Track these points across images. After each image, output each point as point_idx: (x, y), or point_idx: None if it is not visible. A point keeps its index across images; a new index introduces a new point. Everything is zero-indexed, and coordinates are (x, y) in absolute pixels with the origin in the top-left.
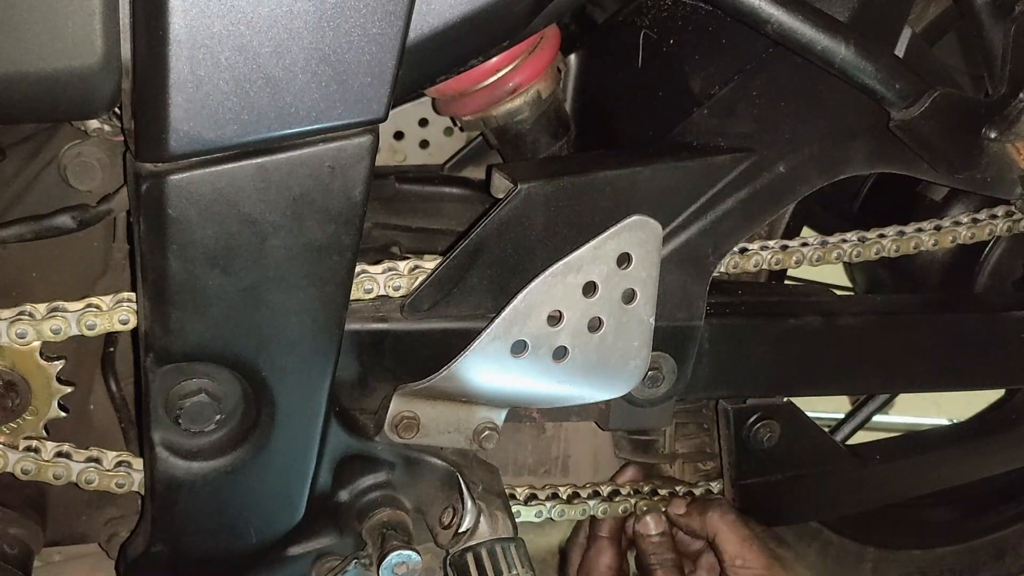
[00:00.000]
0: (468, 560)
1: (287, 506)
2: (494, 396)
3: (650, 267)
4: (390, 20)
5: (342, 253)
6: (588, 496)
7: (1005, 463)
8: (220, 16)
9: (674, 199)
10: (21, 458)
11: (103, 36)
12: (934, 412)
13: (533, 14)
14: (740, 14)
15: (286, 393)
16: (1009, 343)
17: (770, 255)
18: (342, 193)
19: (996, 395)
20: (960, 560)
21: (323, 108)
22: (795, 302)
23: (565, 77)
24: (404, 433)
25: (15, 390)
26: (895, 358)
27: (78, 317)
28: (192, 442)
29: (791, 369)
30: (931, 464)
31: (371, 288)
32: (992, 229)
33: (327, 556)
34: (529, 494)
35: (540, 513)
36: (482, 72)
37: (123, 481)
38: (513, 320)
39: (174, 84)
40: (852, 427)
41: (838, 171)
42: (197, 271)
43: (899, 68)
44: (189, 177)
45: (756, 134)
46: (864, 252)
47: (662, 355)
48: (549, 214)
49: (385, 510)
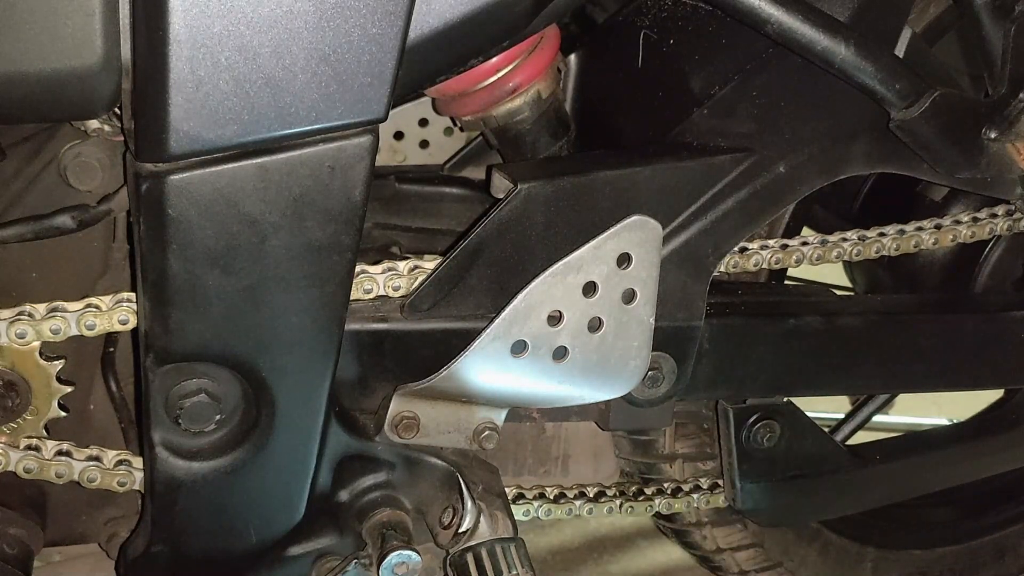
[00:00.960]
0: (468, 560)
1: (287, 506)
2: (494, 396)
3: (650, 267)
4: (390, 20)
5: (342, 253)
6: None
7: (1005, 463)
8: (220, 16)
9: (674, 199)
10: (23, 457)
11: (103, 36)
12: (934, 412)
13: (533, 14)
14: (740, 14)
15: (286, 393)
16: (1009, 343)
17: (770, 254)
18: (342, 193)
19: (996, 395)
20: (960, 560)
21: (323, 108)
22: (795, 302)
23: (565, 77)
24: (404, 433)
25: (15, 390)
26: (895, 358)
27: (77, 317)
28: (192, 442)
29: (791, 369)
30: (931, 464)
31: (370, 288)
32: (992, 228)
33: (327, 556)
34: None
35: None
36: (482, 72)
37: (124, 480)
38: (513, 320)
39: (174, 84)
40: (852, 427)
41: (838, 171)
42: (197, 271)
43: (899, 68)
44: (189, 177)
45: (756, 134)
46: (864, 251)
47: (662, 355)
48: (549, 214)
49: (385, 510)
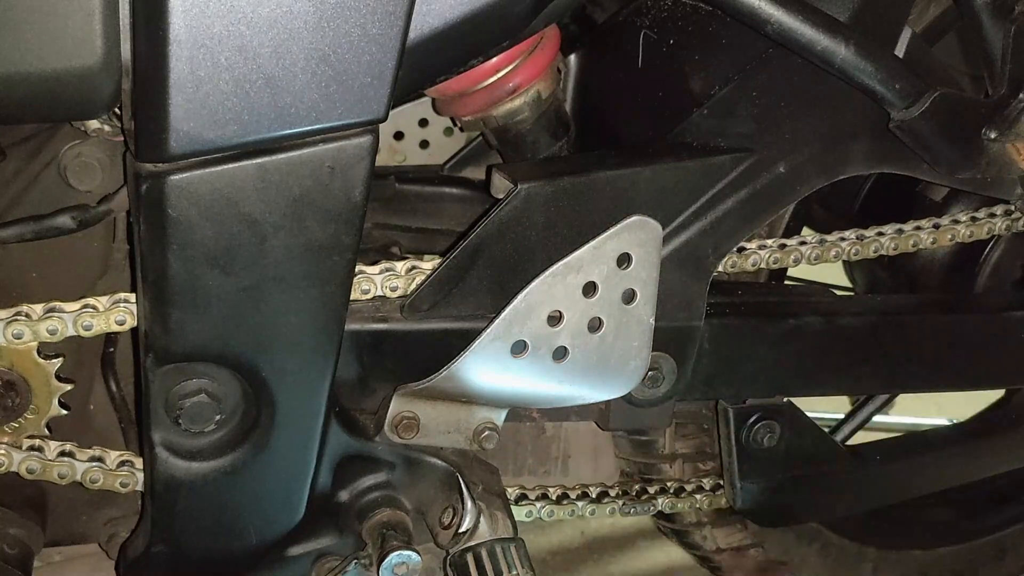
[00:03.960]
0: (468, 560)
1: (287, 506)
2: (494, 396)
3: (650, 267)
4: (390, 20)
5: (342, 253)
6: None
7: (1005, 463)
8: (220, 16)
9: (674, 199)
10: (26, 458)
11: (103, 36)
12: (934, 412)
13: (533, 14)
14: (740, 14)
15: (286, 393)
16: (1009, 343)
17: (768, 254)
18: (342, 193)
19: (996, 395)
20: (960, 560)
21: (323, 108)
22: (795, 302)
23: (565, 77)
24: (404, 433)
25: (15, 389)
26: (895, 358)
27: (74, 318)
28: (192, 442)
29: (791, 369)
30: (931, 464)
31: (368, 289)
32: (991, 227)
33: (327, 556)
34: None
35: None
36: (482, 72)
37: (127, 480)
38: (513, 320)
39: (174, 84)
40: (852, 427)
41: (838, 171)
42: (197, 271)
43: (899, 68)
44: (189, 177)
45: (756, 134)
46: (863, 250)
47: (662, 355)
48: (549, 214)
49: (385, 510)
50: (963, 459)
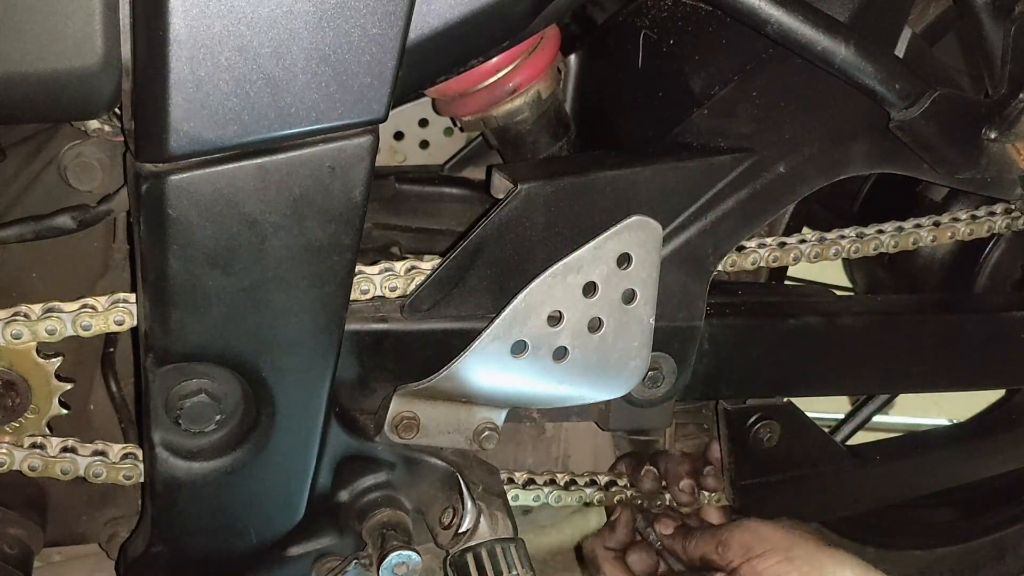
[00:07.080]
0: (468, 560)
1: (287, 506)
2: (494, 396)
3: (650, 267)
4: (390, 20)
5: (342, 253)
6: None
7: (1005, 463)
8: (220, 16)
9: (674, 199)
10: (27, 455)
11: (103, 36)
12: (934, 412)
13: (533, 14)
14: (740, 14)
15: (286, 393)
16: (1009, 343)
17: (767, 252)
18: (342, 193)
19: (996, 395)
20: (960, 560)
21: (323, 108)
22: (795, 302)
23: (565, 77)
24: (404, 433)
25: (15, 389)
26: (895, 358)
27: (73, 318)
28: (192, 442)
29: (791, 369)
30: (931, 464)
31: (367, 289)
32: (991, 226)
33: (327, 556)
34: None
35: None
36: (482, 72)
37: (130, 473)
38: (513, 320)
39: (174, 84)
40: (852, 427)
41: (838, 171)
42: (197, 271)
43: (899, 68)
44: (189, 177)
45: (756, 134)
46: (862, 248)
47: (662, 355)
48: (549, 214)
49: (385, 510)
50: (963, 459)
